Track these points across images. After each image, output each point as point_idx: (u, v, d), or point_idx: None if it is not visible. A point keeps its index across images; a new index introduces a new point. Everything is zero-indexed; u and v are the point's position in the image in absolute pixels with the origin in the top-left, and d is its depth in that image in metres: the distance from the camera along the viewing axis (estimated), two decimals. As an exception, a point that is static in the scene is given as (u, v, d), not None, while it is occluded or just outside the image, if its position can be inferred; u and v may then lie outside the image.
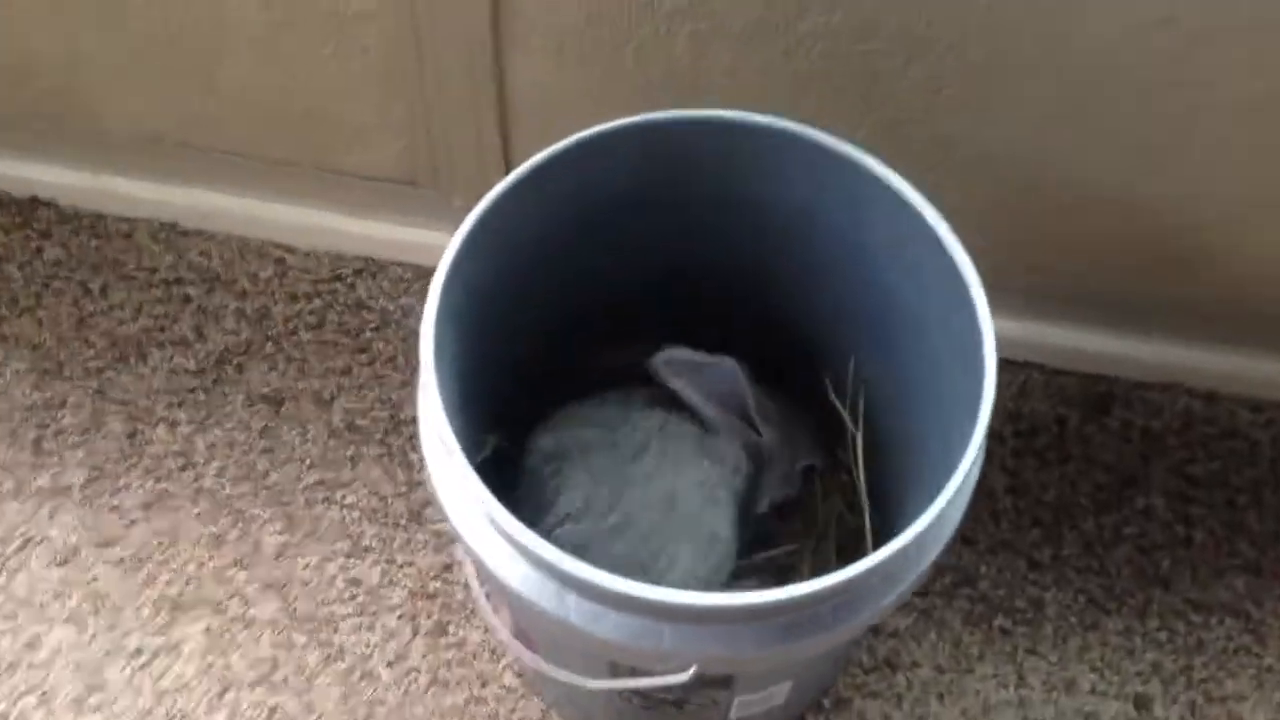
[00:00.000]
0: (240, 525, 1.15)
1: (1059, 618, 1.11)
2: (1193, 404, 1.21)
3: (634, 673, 0.77)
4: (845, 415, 0.99)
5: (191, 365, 1.23)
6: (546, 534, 0.85)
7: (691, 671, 0.73)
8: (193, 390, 1.22)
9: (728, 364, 0.91)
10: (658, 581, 0.85)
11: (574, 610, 0.72)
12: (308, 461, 1.18)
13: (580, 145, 0.80)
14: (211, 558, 1.14)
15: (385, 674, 1.09)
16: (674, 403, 0.95)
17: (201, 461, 1.18)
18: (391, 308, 1.26)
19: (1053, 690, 1.08)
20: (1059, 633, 1.10)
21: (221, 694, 1.08)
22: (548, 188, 0.79)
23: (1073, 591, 1.12)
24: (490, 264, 0.79)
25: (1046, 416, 1.20)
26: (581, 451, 0.92)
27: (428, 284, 0.72)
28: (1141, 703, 1.07)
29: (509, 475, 0.96)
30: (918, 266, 0.83)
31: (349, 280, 1.27)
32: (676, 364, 0.90)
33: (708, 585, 0.89)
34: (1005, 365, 1.21)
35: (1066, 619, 1.11)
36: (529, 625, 0.84)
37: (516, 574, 0.73)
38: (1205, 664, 1.09)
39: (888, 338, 0.92)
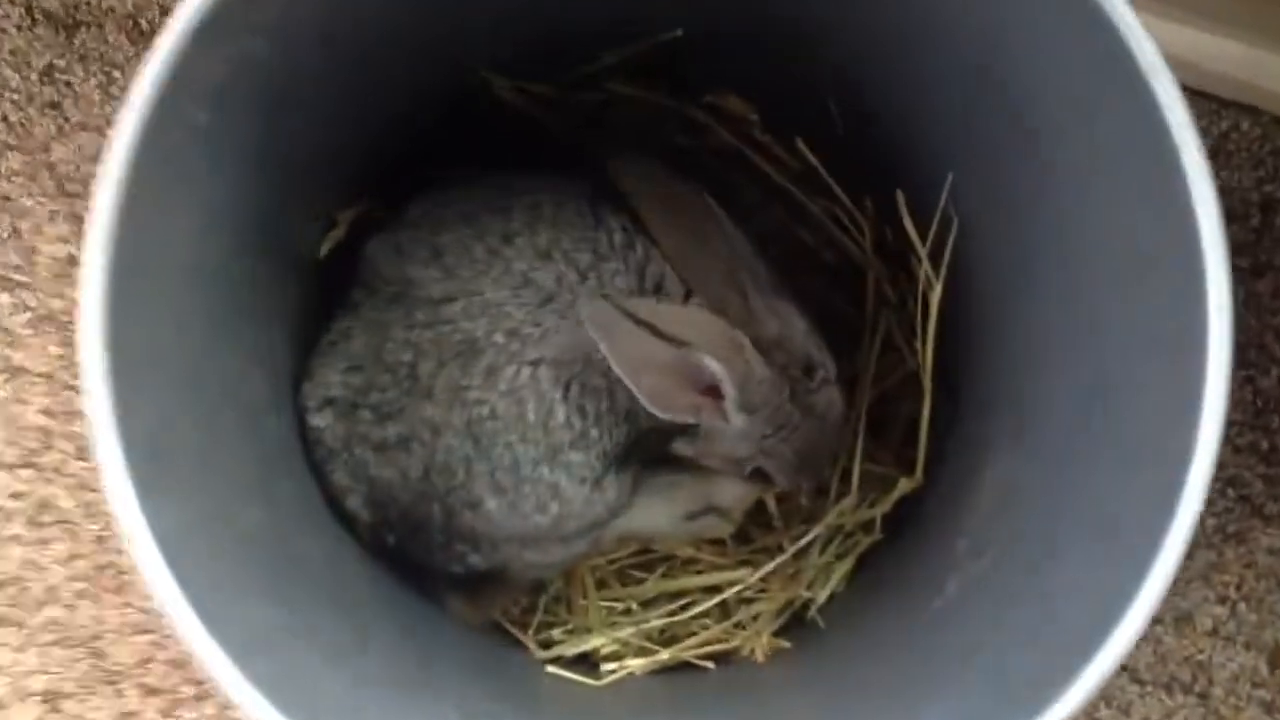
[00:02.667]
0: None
1: (1190, 516, 0.76)
2: None
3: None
4: (924, 256, 0.60)
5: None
6: (302, 409, 0.61)
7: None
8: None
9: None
10: (450, 519, 0.60)
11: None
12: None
13: None
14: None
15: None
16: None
17: None
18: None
19: (1155, 623, 0.75)
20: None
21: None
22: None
23: (1221, 480, 0.76)
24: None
25: (1248, 196, 0.78)
26: (394, 302, 0.60)
27: None
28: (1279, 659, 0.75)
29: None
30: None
31: None
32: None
33: (531, 538, 0.62)
34: (1193, 99, 0.78)
35: (1202, 519, 0.76)
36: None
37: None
38: (1387, 619, 0.76)
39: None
